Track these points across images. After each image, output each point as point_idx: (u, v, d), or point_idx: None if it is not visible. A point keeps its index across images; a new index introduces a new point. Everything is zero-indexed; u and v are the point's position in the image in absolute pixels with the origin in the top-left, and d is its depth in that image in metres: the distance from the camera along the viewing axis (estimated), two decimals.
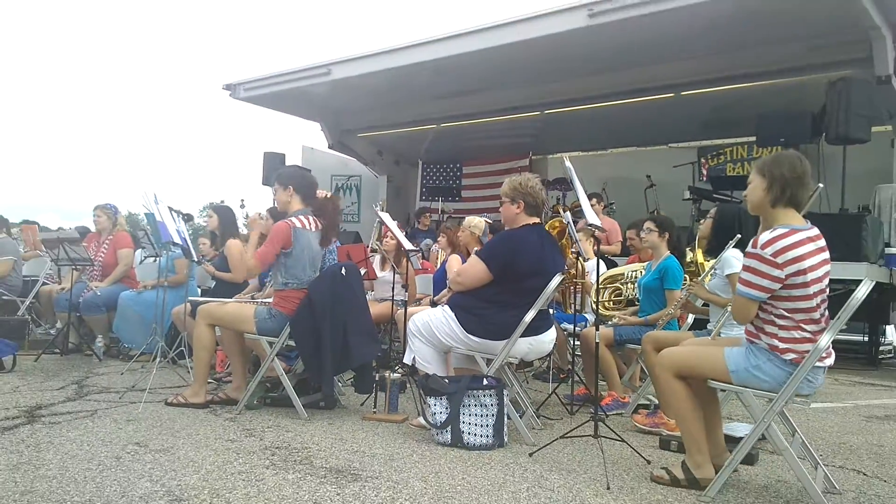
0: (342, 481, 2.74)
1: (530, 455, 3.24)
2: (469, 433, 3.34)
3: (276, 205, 4.43)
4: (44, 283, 7.02)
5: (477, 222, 5.85)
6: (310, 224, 4.09)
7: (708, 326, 4.01)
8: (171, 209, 5.26)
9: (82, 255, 6.24)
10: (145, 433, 3.41)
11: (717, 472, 2.72)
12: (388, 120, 11.52)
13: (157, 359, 4.84)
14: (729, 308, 3.27)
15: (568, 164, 3.69)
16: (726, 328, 3.55)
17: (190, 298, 5.28)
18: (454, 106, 10.55)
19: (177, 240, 5.02)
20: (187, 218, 5.60)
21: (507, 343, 3.51)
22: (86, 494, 2.47)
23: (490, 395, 3.38)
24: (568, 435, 3.36)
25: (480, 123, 11.08)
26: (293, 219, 4.05)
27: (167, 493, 2.52)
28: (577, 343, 4.68)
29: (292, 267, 4.01)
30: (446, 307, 3.74)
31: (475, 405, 3.36)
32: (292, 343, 3.98)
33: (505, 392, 3.45)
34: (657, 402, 4.03)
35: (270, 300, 4.18)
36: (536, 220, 3.75)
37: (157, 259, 5.89)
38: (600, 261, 3.80)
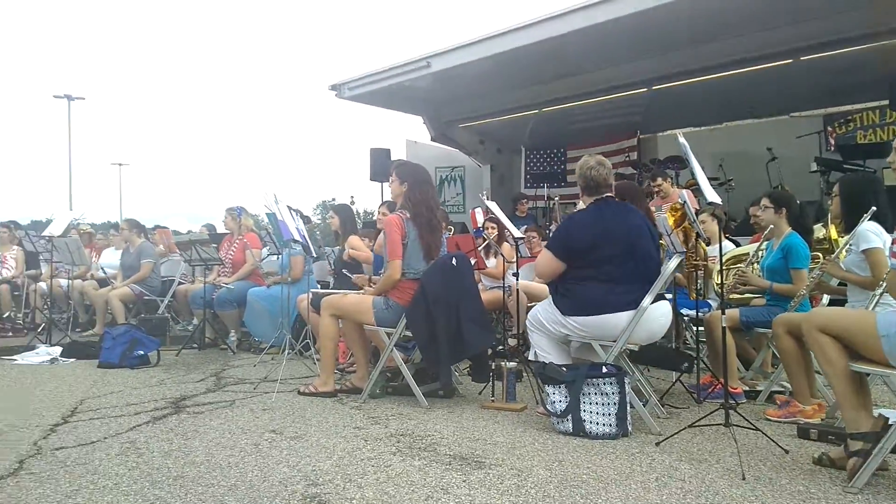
0: (467, 468, 2.79)
1: (657, 444, 3.16)
2: (591, 422, 3.30)
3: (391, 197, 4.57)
4: (179, 283, 7.56)
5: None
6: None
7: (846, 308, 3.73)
8: (290, 208, 5.52)
9: (212, 256, 6.67)
10: (280, 421, 3.61)
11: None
12: (489, 108, 11.49)
13: (286, 351, 5.12)
14: (883, 284, 3.04)
15: (682, 140, 3.55)
16: (881, 307, 3.27)
17: (312, 291, 5.52)
18: (556, 89, 10.36)
19: (297, 237, 5.26)
20: (306, 219, 5.87)
21: (626, 329, 3.44)
22: (230, 479, 2.65)
23: (611, 384, 3.32)
24: (697, 424, 3.24)
25: (584, 105, 10.80)
26: (403, 211, 4.17)
27: (304, 478, 2.66)
28: (701, 329, 4.48)
29: (407, 257, 4.11)
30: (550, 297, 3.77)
31: (595, 393, 3.32)
32: (409, 333, 4.08)
33: (626, 380, 3.38)
34: (790, 388, 3.81)
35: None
36: (602, 196, 3.73)
37: (280, 256, 6.20)
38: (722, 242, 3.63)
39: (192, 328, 6.90)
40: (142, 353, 5.52)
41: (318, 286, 6.78)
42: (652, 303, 3.50)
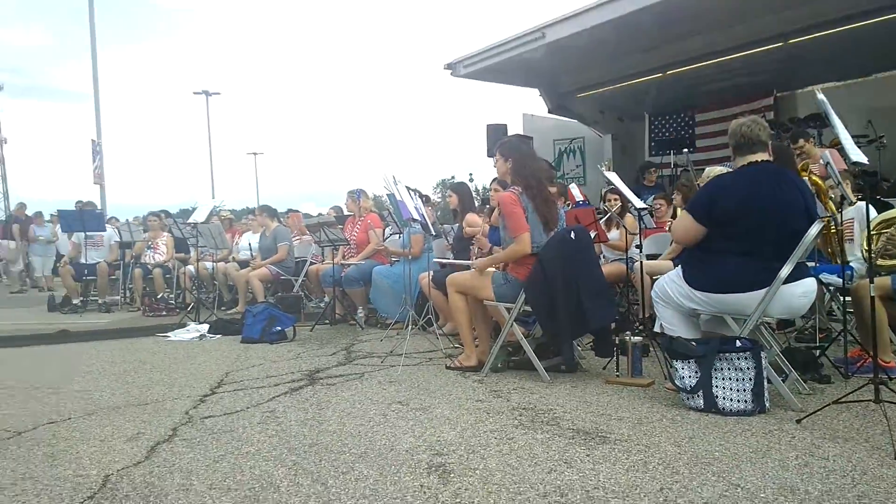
0: (591, 443, 2.75)
1: (798, 422, 2.96)
2: (724, 398, 3.13)
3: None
4: (311, 263, 7.96)
5: (717, 172, 5.41)
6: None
7: None
8: (408, 188, 5.63)
9: (339, 237, 6.97)
10: (405, 393, 3.73)
11: None
12: (608, 76, 11.10)
13: (409, 326, 5.26)
14: None
15: (821, 96, 3.26)
16: None
17: (436, 259, 5.61)
18: (681, 50, 9.82)
19: (416, 216, 5.37)
20: (426, 199, 5.97)
21: (762, 301, 3.22)
22: (361, 447, 2.77)
23: (745, 358, 3.13)
24: (843, 400, 3.00)
25: (712, 65, 10.17)
26: (515, 187, 4.16)
27: (429, 448, 2.73)
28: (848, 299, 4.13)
29: (530, 231, 4.07)
30: (679, 266, 3.57)
31: (729, 368, 3.14)
32: (529, 308, 4.06)
33: (763, 354, 3.18)
34: None
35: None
36: (755, 158, 3.37)
37: (401, 235, 6.36)
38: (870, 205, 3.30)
39: (324, 305, 7.25)
40: (279, 329, 5.88)
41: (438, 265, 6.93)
42: (795, 279, 3.24)
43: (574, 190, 6.77)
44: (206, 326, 6.44)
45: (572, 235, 4.03)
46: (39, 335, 6.49)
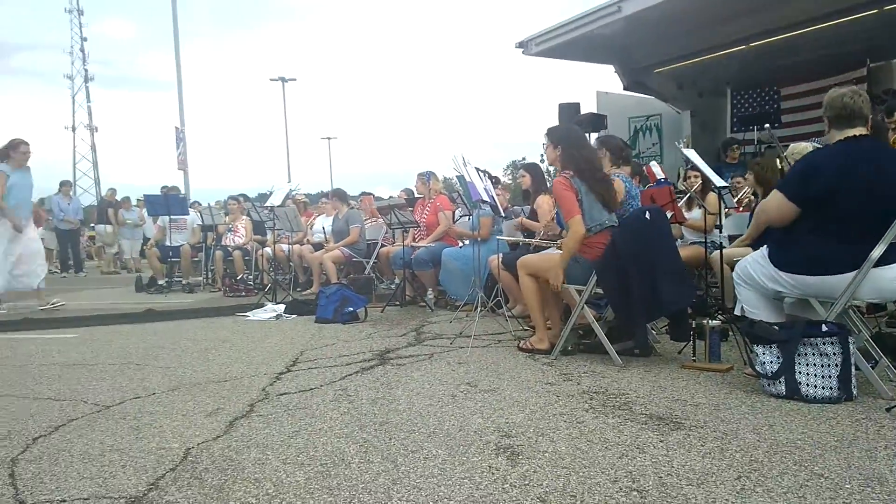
0: (664, 428, 2.67)
1: (887, 410, 2.78)
2: (808, 384, 2.98)
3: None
4: (382, 245, 8.07)
5: (802, 148, 5.13)
6: None
7: None
8: (478, 169, 5.60)
9: (409, 219, 7.01)
10: (474, 375, 3.73)
11: None
12: (687, 49, 10.65)
13: (478, 308, 5.26)
14: None
15: None
16: None
17: (502, 238, 5.58)
18: (766, 20, 9.32)
19: (485, 198, 5.33)
20: (496, 180, 5.93)
21: (851, 284, 3.03)
22: (430, 427, 2.79)
23: (832, 343, 2.97)
24: None
25: (799, 35, 9.61)
26: (566, 172, 4.13)
27: (497, 430, 2.72)
28: None
29: (586, 212, 3.99)
30: (765, 246, 3.40)
31: (814, 354, 2.98)
32: (600, 291, 3.97)
33: (851, 339, 3.00)
34: None
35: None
36: (853, 132, 3.13)
37: (470, 217, 6.34)
38: None
39: (394, 287, 7.34)
40: (351, 309, 5.99)
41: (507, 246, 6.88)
42: (887, 262, 3.01)
43: (655, 168, 6.57)
44: (282, 307, 6.63)
45: (647, 215, 3.92)
46: (128, 314, 6.86)
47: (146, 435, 2.79)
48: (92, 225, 17.37)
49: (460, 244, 6.89)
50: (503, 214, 5.81)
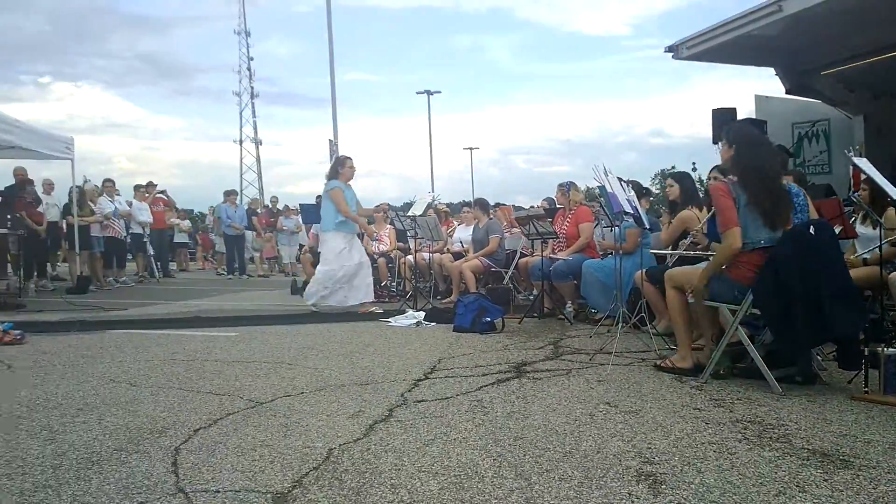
0: (829, 466, 2.41)
1: None
2: None
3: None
4: (521, 255, 8.01)
5: None
6: None
7: None
8: (620, 180, 5.40)
9: (548, 230, 6.92)
10: (614, 394, 3.58)
11: None
12: (859, 48, 9.68)
13: (620, 324, 5.06)
14: None
15: None
16: None
17: (652, 251, 5.34)
18: None
19: (628, 209, 5.13)
20: (646, 191, 5.69)
21: None
22: (565, 446, 2.71)
23: None
24: None
25: None
26: (731, 176, 3.82)
27: (638, 455, 2.58)
28: None
29: (743, 225, 3.68)
30: None
31: None
32: (756, 311, 3.67)
33: None
34: None
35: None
36: None
37: (613, 229, 6.13)
38: None
39: (533, 298, 7.26)
40: (489, 319, 5.99)
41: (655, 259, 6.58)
42: None
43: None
44: (422, 314, 6.78)
45: (812, 230, 3.57)
46: (281, 315, 7.32)
47: (293, 433, 2.94)
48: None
49: (601, 255, 6.69)
50: (647, 226, 5.56)
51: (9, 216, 9.01)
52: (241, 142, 51.86)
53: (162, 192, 15.21)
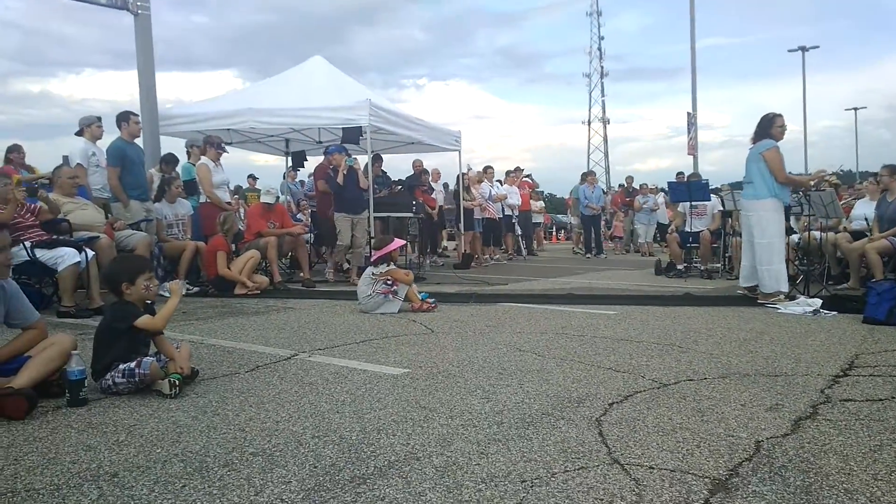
0: None
1: None
2: None
3: None
4: None
5: None
6: None
7: None
8: None
9: None
10: None
11: None
12: None
13: None
14: None
15: None
16: None
17: None
18: None
19: None
20: None
21: None
22: None
23: None
24: None
25: None
26: None
27: None
28: None
29: None
30: None
31: None
32: None
33: None
34: None
35: None
36: None
37: None
38: None
39: None
40: None
41: None
42: None
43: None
44: (818, 301, 6.06)
45: None
46: (652, 296, 7.26)
47: (710, 419, 2.87)
48: None
49: None
50: None
51: (413, 202, 10.59)
52: (588, 123, 52.72)
53: (527, 176, 16.32)
